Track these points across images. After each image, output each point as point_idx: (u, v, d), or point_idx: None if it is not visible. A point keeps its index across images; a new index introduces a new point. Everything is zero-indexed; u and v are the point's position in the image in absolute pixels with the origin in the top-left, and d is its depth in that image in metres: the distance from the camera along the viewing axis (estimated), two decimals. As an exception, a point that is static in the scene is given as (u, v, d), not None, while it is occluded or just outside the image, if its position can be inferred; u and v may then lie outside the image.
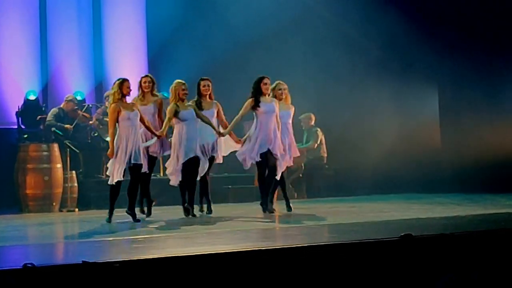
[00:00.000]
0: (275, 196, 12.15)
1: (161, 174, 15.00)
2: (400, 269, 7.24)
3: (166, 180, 12.20)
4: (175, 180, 11.66)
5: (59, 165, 13.62)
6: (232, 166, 14.70)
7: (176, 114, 11.45)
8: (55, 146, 13.66)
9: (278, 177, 11.87)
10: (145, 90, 11.59)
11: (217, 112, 11.95)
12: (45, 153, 13.59)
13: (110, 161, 10.98)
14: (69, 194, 13.71)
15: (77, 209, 13.80)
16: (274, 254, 7.07)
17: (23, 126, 14.67)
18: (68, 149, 13.89)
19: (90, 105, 15.45)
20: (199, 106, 11.72)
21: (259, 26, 16.57)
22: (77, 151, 14.02)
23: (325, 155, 16.22)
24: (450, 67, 16.25)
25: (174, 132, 11.62)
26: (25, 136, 14.39)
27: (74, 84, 16.26)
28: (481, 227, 8.98)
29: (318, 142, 15.96)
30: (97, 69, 16.93)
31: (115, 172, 10.85)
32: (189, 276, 6.52)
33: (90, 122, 14.84)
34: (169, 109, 11.53)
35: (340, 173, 12.58)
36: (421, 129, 16.50)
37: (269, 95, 11.97)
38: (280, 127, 11.90)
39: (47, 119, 14.33)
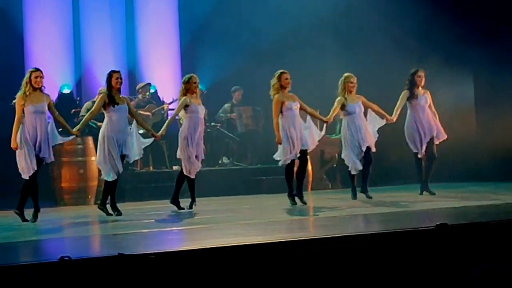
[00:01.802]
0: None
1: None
2: (436, 259, 7.20)
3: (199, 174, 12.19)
4: (354, 169, 12.37)
5: (93, 158, 13.65)
6: (265, 157, 14.72)
7: (343, 106, 12.14)
8: (90, 139, 13.68)
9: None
10: (36, 86, 10.51)
11: (129, 107, 11.27)
12: (79, 146, 13.64)
13: (280, 147, 11.65)
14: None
15: (112, 202, 13.85)
16: (308, 245, 7.06)
17: (57, 120, 14.69)
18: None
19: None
20: (111, 100, 11.04)
21: (294, 18, 16.53)
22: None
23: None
24: (485, 56, 16.08)
25: (343, 124, 12.29)
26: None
27: (107, 77, 16.30)
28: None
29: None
30: (129, 62, 16.99)
31: (286, 157, 11.60)
32: (224, 267, 6.52)
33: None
34: (338, 100, 12.17)
35: (374, 163, 12.54)
36: (457, 118, 16.36)
37: (423, 87, 12.74)
38: (436, 115, 12.78)
39: (81, 113, 14.34)
